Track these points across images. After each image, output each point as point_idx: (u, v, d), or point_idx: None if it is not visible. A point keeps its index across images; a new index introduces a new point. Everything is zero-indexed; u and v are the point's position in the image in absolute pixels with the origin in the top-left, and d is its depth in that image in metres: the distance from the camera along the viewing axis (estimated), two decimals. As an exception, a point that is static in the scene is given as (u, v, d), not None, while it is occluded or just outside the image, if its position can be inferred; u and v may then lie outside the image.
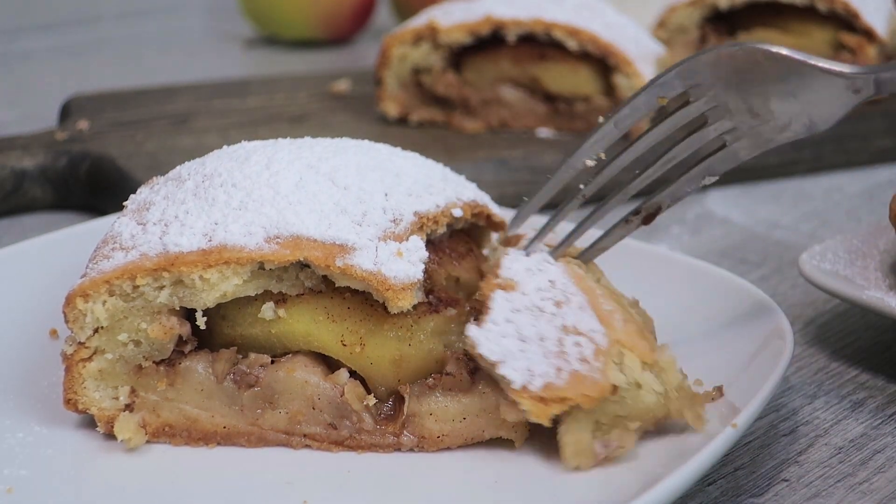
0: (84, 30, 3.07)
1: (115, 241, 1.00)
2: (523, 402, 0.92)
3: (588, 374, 0.93)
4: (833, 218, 1.66)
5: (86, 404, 0.99)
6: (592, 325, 0.97)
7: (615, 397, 0.93)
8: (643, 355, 0.95)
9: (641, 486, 0.88)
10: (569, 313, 0.98)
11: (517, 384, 0.93)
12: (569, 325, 0.97)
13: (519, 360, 0.94)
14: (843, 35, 1.99)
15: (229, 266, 0.95)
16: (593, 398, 0.92)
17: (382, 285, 0.96)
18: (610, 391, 0.92)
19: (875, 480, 0.99)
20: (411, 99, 1.86)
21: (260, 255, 0.95)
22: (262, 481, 0.95)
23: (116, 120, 1.84)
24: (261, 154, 1.05)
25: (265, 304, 0.98)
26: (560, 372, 0.93)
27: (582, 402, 0.92)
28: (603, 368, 0.93)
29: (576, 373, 0.93)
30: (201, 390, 0.99)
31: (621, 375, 0.94)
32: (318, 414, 0.99)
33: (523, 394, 0.92)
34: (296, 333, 0.99)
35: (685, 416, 0.94)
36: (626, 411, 0.94)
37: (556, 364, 0.93)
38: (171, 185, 1.05)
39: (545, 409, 0.92)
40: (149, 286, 0.96)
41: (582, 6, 1.81)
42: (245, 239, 0.96)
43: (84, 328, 0.97)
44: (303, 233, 0.97)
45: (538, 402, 0.92)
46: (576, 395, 0.92)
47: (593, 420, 0.93)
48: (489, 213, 1.12)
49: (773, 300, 1.11)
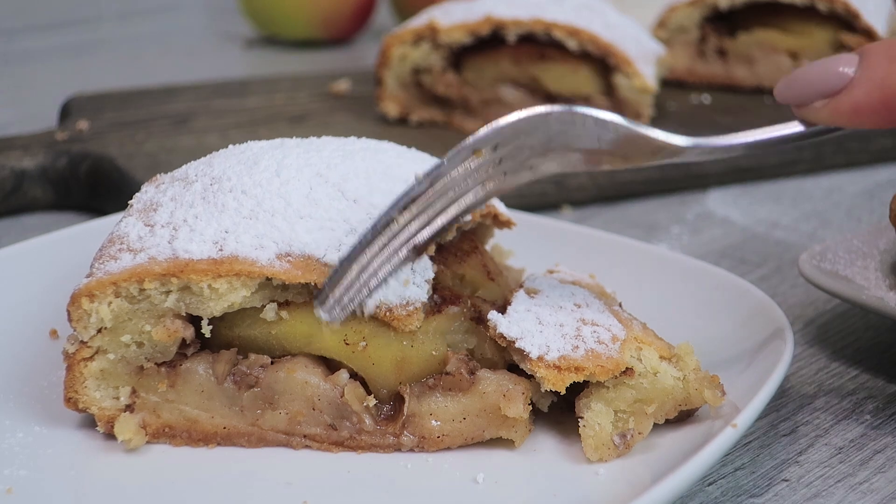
0: (84, 30, 3.07)
1: (121, 242, 1.00)
2: (539, 370, 0.95)
3: (604, 353, 0.96)
4: (833, 218, 1.66)
5: (86, 403, 0.99)
6: (611, 322, 1.01)
7: (632, 381, 0.96)
8: (661, 350, 0.98)
9: (642, 485, 0.88)
10: (587, 312, 1.02)
11: (534, 354, 0.95)
12: (587, 318, 1.00)
13: (536, 337, 0.97)
14: (844, 35, 1.99)
15: (239, 278, 0.95)
16: (608, 369, 0.95)
17: (388, 317, 0.97)
18: (625, 369, 0.95)
19: (875, 480, 0.99)
20: (411, 99, 1.86)
21: (271, 272, 0.95)
22: (262, 481, 0.95)
23: (116, 120, 1.84)
24: (269, 158, 1.05)
25: (268, 305, 0.98)
26: (576, 349, 0.96)
27: (597, 372, 0.94)
28: (620, 350, 0.97)
29: (592, 350, 0.96)
30: (202, 391, 0.99)
31: (638, 362, 0.96)
32: (318, 415, 0.99)
33: (539, 363, 0.95)
34: (297, 335, 0.99)
35: (705, 397, 0.96)
36: (644, 395, 0.96)
37: (573, 343, 0.97)
38: (178, 186, 1.05)
39: (560, 377, 0.95)
40: (156, 290, 0.96)
41: (582, 6, 1.81)
42: (256, 252, 0.96)
43: (88, 328, 0.97)
44: (314, 254, 0.97)
45: (553, 370, 0.95)
46: (591, 365, 0.95)
47: (612, 410, 0.95)
48: (496, 213, 1.12)
49: (773, 300, 1.11)
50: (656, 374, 0.96)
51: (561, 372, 0.95)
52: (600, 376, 0.95)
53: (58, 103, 1.99)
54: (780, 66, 2.04)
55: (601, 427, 0.95)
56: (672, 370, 0.96)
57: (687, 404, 0.97)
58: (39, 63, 2.74)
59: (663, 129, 0.98)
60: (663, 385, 0.96)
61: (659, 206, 1.70)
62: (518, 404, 0.96)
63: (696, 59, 2.10)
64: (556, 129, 0.96)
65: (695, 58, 2.10)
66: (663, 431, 0.96)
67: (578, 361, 0.95)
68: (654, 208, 1.69)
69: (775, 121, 0.97)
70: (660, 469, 0.91)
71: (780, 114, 2.08)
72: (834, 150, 1.86)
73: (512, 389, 0.97)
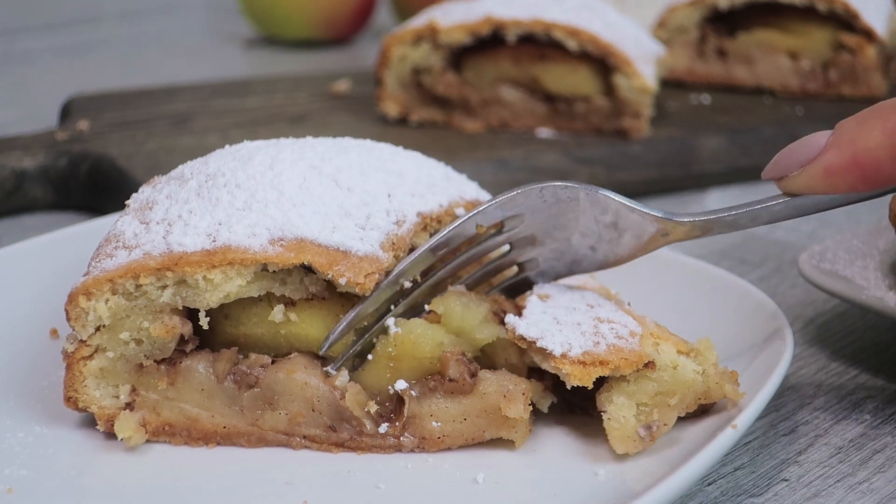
0: (84, 30, 3.07)
1: (117, 240, 1.00)
2: (564, 366, 0.95)
3: (626, 346, 0.97)
4: (833, 218, 1.66)
5: (86, 402, 0.99)
6: (626, 319, 1.01)
7: (653, 374, 0.96)
8: (678, 345, 0.99)
9: (642, 486, 0.88)
10: (601, 311, 1.02)
11: (557, 352, 0.96)
12: (602, 316, 1.01)
13: (557, 336, 0.97)
14: (843, 35, 1.99)
15: (233, 267, 0.95)
16: (632, 362, 0.95)
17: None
18: (648, 361, 0.95)
19: (875, 480, 0.99)
20: (411, 99, 1.86)
21: (264, 256, 0.95)
22: (262, 481, 0.95)
23: (116, 120, 1.84)
24: (264, 154, 1.05)
25: (276, 307, 0.98)
26: (597, 345, 0.97)
27: (622, 365, 0.95)
28: (640, 344, 0.97)
29: (613, 344, 0.97)
30: (202, 390, 0.99)
31: (658, 355, 0.97)
32: (318, 416, 0.99)
33: (563, 360, 0.95)
34: (308, 336, 0.99)
35: (725, 391, 0.96)
36: (666, 388, 0.96)
37: (594, 340, 0.97)
38: (174, 185, 1.05)
39: (586, 372, 0.95)
40: (152, 285, 0.96)
41: (582, 6, 1.81)
42: (249, 240, 0.96)
43: (86, 326, 0.97)
44: (307, 236, 0.97)
45: (578, 365, 0.95)
46: (616, 359, 0.95)
47: (635, 403, 0.96)
48: None
49: (773, 300, 1.11)
50: (676, 367, 0.96)
51: (586, 367, 0.95)
52: (625, 369, 0.95)
53: (58, 103, 1.99)
54: (779, 66, 2.04)
55: (626, 420, 0.95)
56: (691, 364, 0.97)
57: (707, 398, 0.97)
58: (39, 63, 2.74)
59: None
60: (684, 378, 0.96)
61: (659, 206, 1.69)
62: (518, 405, 0.96)
63: (696, 60, 2.10)
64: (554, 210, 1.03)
65: (695, 58, 2.10)
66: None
67: (602, 356, 0.95)
68: (653, 208, 1.69)
69: (775, 121, 0.97)
70: (660, 469, 0.91)
71: (780, 114, 2.07)
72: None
73: (512, 390, 0.97)
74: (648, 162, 1.74)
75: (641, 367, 0.95)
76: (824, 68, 2.02)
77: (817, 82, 2.03)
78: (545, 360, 0.97)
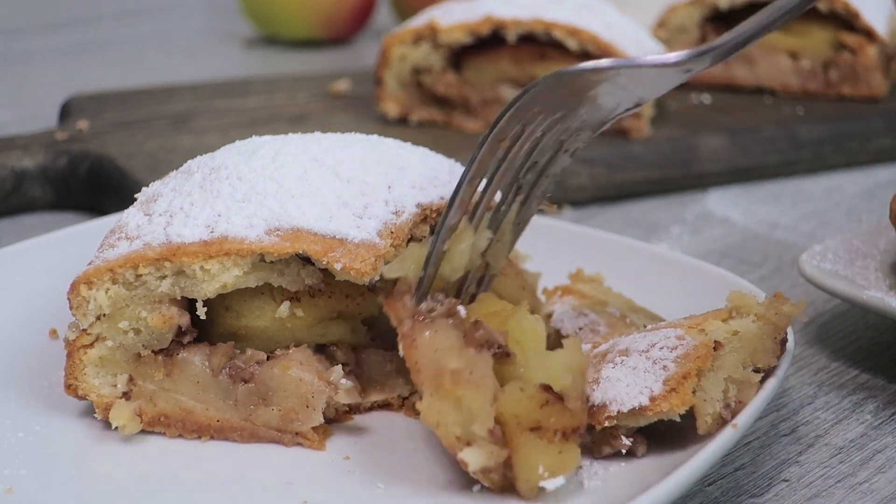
0: (84, 30, 3.07)
1: (121, 231, 1.02)
2: (661, 406, 0.92)
3: (686, 349, 0.95)
4: (833, 218, 1.66)
5: (85, 390, 1.00)
6: (659, 334, 0.99)
7: (725, 351, 0.95)
8: (714, 317, 0.98)
9: (642, 486, 0.88)
10: (633, 343, 0.99)
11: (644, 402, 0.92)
12: (640, 348, 0.98)
13: (629, 390, 0.94)
14: (844, 35, 1.99)
15: (230, 257, 0.96)
16: (705, 354, 0.94)
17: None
18: (714, 344, 0.95)
19: (875, 480, 0.99)
20: (411, 99, 1.86)
21: (260, 246, 0.96)
22: (261, 480, 0.95)
23: (116, 120, 1.84)
24: (268, 148, 1.06)
25: (283, 303, 0.99)
26: (666, 368, 0.94)
27: (700, 365, 0.93)
28: (694, 339, 0.96)
29: (675, 358, 0.94)
30: (197, 382, 0.99)
31: (714, 334, 0.96)
32: (312, 412, 0.99)
33: (656, 403, 0.92)
34: (311, 332, 1.00)
35: (786, 312, 0.97)
36: (747, 350, 0.96)
37: (660, 368, 0.94)
38: (180, 178, 1.07)
39: (680, 397, 0.92)
40: (151, 275, 0.97)
41: (582, 6, 1.81)
42: (246, 231, 0.97)
43: (87, 315, 0.98)
44: (303, 225, 0.98)
45: (672, 394, 0.92)
46: (692, 363, 0.93)
47: (722, 379, 0.94)
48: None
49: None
50: (736, 332, 0.96)
51: (678, 392, 0.92)
52: (705, 364, 0.94)
53: (58, 103, 1.99)
54: (779, 66, 2.04)
55: (712, 399, 0.93)
56: (743, 321, 0.97)
57: (779, 333, 0.97)
58: (39, 63, 2.74)
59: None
60: (752, 333, 0.96)
61: (659, 206, 1.70)
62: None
63: (696, 59, 2.10)
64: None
65: (695, 58, 2.10)
66: (663, 431, 0.96)
67: (679, 371, 0.93)
68: (654, 208, 1.69)
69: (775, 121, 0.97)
70: (660, 469, 0.91)
71: (780, 113, 2.07)
72: (834, 149, 1.86)
73: None
74: (649, 162, 1.74)
75: (713, 351, 0.95)
76: (825, 68, 2.02)
77: (818, 82, 2.03)
78: (641, 415, 0.93)
